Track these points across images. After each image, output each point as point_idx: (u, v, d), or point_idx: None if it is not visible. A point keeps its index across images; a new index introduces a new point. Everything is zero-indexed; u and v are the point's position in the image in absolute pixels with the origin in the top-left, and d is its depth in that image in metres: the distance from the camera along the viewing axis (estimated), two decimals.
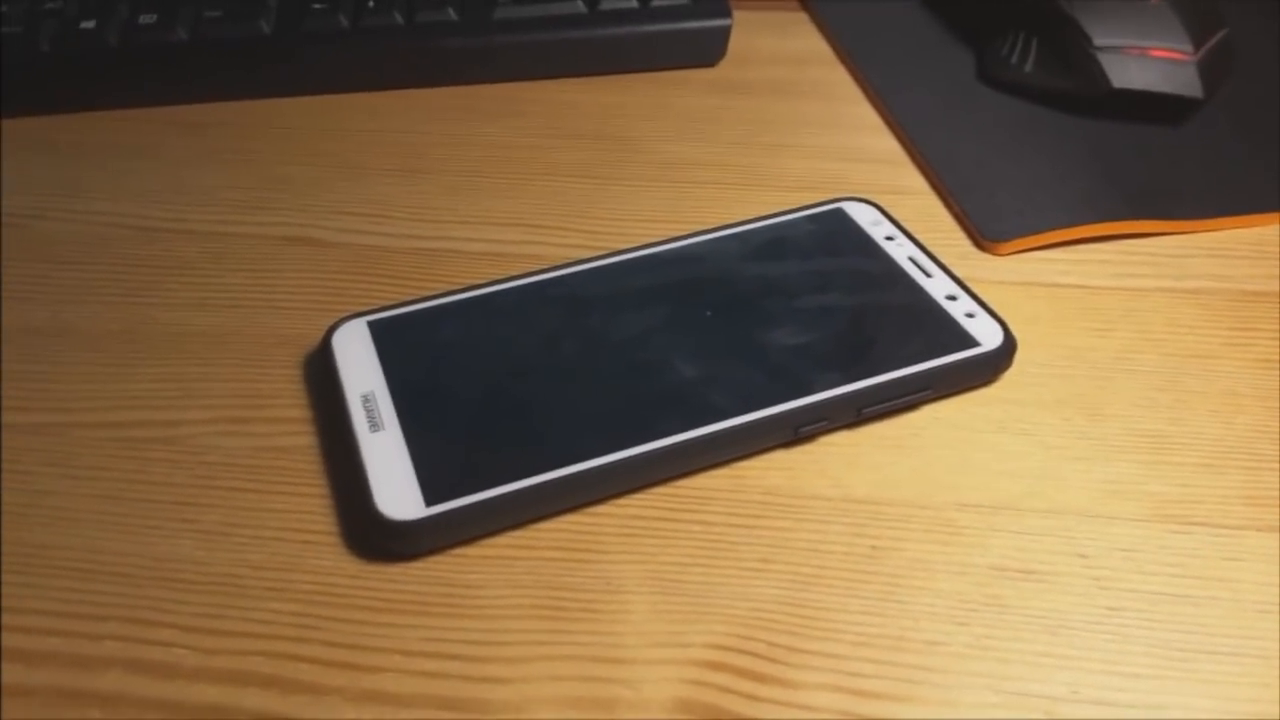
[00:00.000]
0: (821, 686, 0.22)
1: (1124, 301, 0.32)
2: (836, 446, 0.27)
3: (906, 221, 0.34)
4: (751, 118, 0.40)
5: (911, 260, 0.31)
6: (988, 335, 0.28)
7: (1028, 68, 0.40)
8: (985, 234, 0.33)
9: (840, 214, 0.33)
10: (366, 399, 0.27)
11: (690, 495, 0.26)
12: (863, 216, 0.33)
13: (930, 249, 0.32)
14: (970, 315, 0.29)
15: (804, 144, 0.39)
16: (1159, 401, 0.29)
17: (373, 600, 0.24)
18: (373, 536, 0.25)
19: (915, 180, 0.37)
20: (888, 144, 0.39)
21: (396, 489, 0.24)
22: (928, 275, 0.30)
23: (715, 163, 0.38)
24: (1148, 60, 0.37)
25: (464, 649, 0.23)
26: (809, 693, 0.22)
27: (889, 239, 0.32)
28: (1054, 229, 0.33)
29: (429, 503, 0.24)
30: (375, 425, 0.26)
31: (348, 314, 0.29)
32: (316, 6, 0.42)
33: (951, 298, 0.30)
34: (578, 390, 0.27)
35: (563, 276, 0.31)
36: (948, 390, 0.28)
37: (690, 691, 0.22)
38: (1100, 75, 0.37)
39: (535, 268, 0.31)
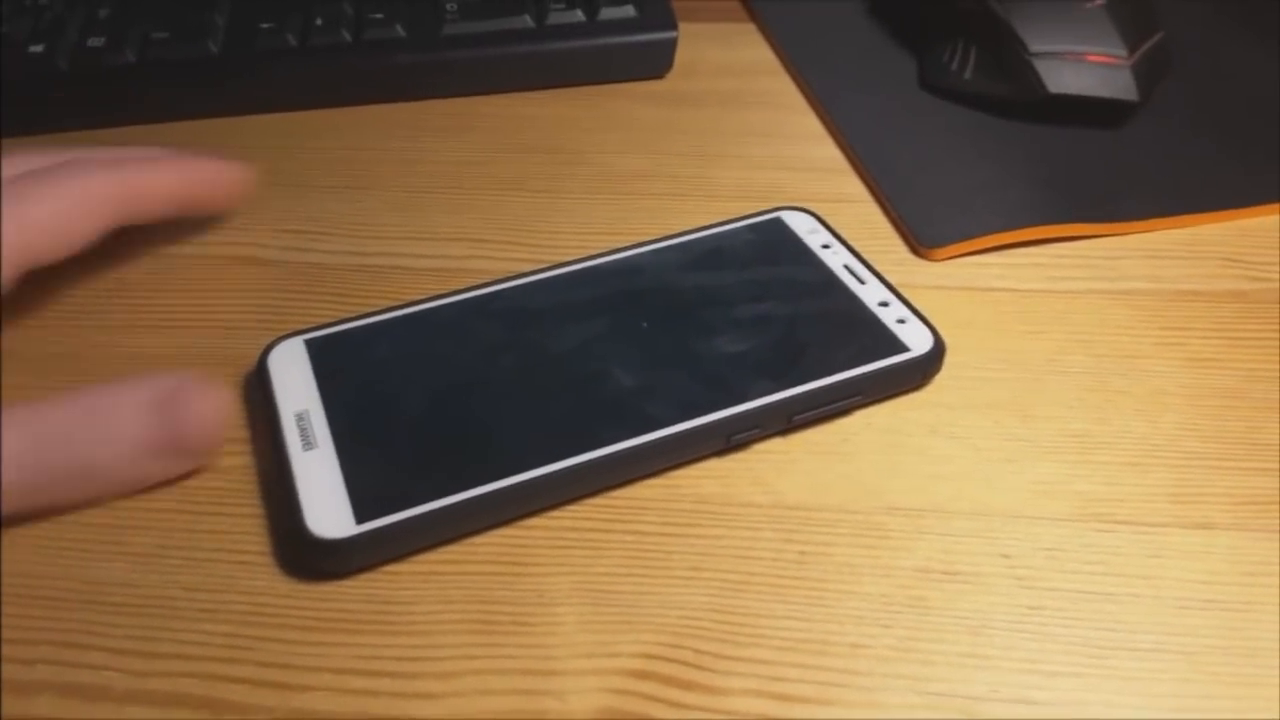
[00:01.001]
0: (746, 692, 0.22)
1: (1057, 304, 0.32)
2: (770, 454, 0.28)
3: (845, 229, 0.34)
4: (698, 128, 0.41)
5: (846, 268, 0.31)
6: (918, 340, 0.29)
7: (967, 74, 0.40)
8: (921, 240, 0.34)
9: (778, 223, 0.33)
10: (300, 417, 0.27)
11: (623, 505, 0.26)
12: (800, 225, 0.33)
13: (866, 256, 0.32)
14: (901, 321, 0.29)
15: (749, 154, 0.39)
16: (1088, 402, 0.29)
17: (305, 619, 0.24)
18: (304, 556, 0.25)
19: (856, 188, 0.37)
20: (830, 152, 0.39)
21: (327, 507, 0.25)
22: (861, 282, 0.31)
23: (662, 174, 0.38)
24: (1083, 65, 0.38)
25: (395, 665, 0.23)
26: (733, 698, 0.22)
27: (825, 247, 0.32)
28: (988, 234, 0.34)
29: (359, 520, 0.24)
30: (308, 444, 0.26)
31: (284, 333, 0.30)
32: (264, 26, 0.42)
33: (884, 304, 0.30)
34: (512, 404, 0.27)
35: (500, 291, 0.31)
36: (879, 395, 0.29)
37: (616, 700, 0.22)
38: (1036, 81, 0.38)
39: (477, 282, 0.32)
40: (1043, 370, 0.30)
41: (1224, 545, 0.25)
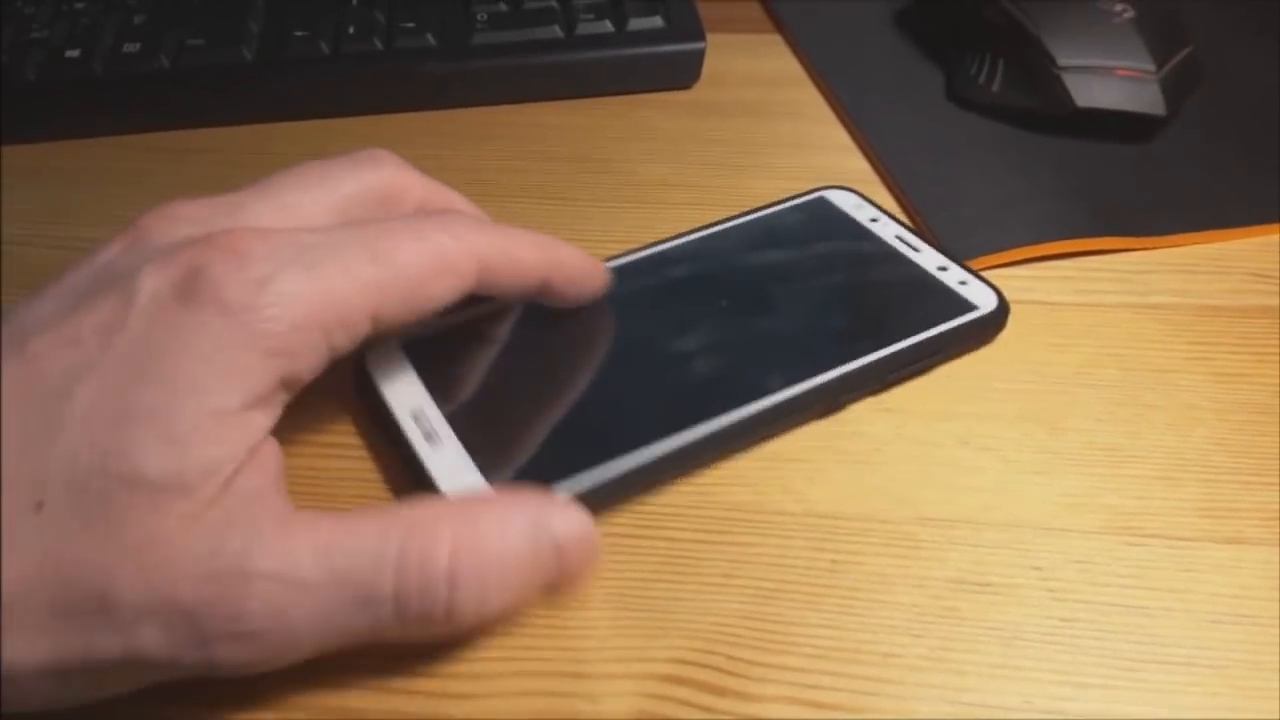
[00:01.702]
0: (778, 699, 0.23)
1: (1086, 317, 0.32)
2: (801, 462, 0.28)
3: None
4: (725, 139, 0.41)
5: (899, 238, 0.33)
6: (984, 299, 0.30)
7: (995, 87, 0.40)
8: (950, 252, 0.34)
9: (824, 201, 0.35)
10: (416, 415, 0.27)
11: (656, 512, 0.27)
12: (845, 202, 0.34)
13: (911, 226, 0.33)
14: (963, 283, 0.31)
15: (777, 164, 0.40)
16: (1118, 416, 0.29)
17: None
18: None
19: (884, 199, 0.37)
20: (858, 164, 0.39)
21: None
22: (916, 250, 0.32)
23: (689, 184, 0.39)
24: (1111, 79, 0.38)
25: (430, 665, 0.23)
26: (766, 705, 0.22)
27: (873, 221, 0.34)
28: (1018, 246, 0.34)
29: None
30: (432, 438, 0.26)
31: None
32: (298, 34, 0.43)
33: (943, 268, 0.31)
34: (625, 383, 0.28)
35: None
36: (955, 353, 0.30)
37: (650, 705, 0.22)
38: (1064, 95, 0.38)
39: None
40: (1072, 383, 0.30)
41: (1255, 560, 0.25)
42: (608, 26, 0.44)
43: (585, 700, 0.23)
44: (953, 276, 0.31)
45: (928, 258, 0.32)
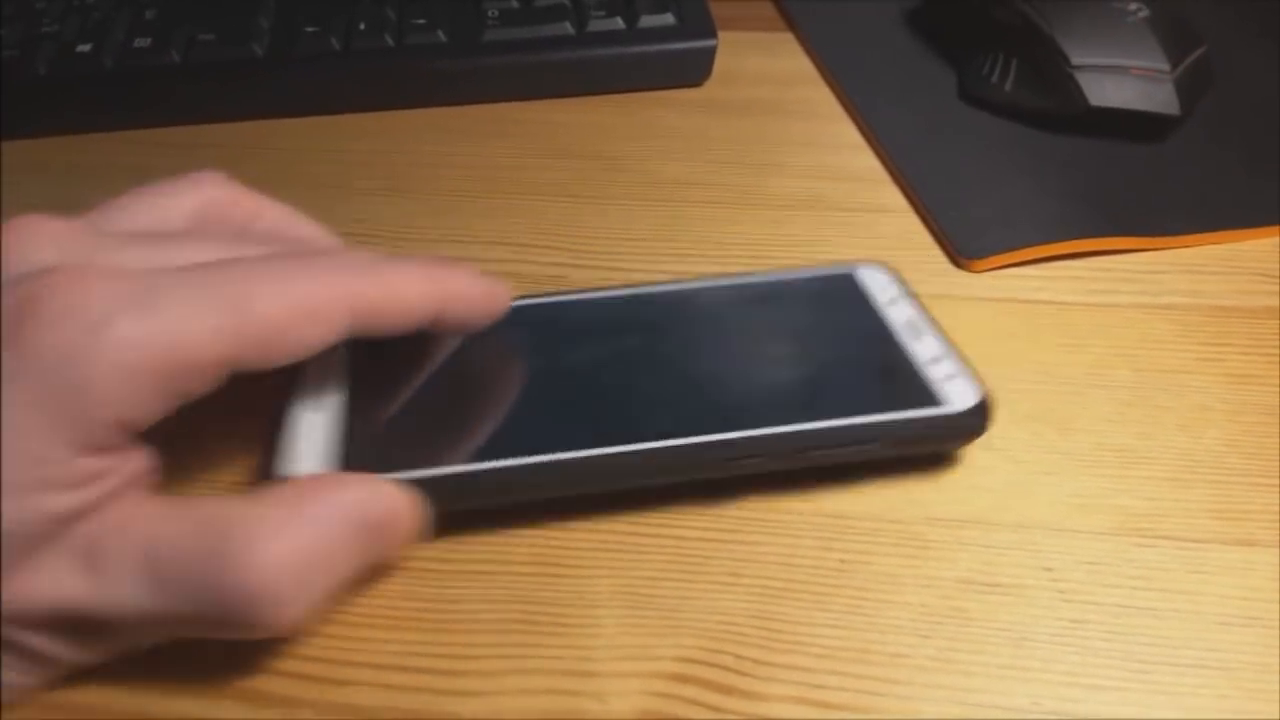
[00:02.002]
0: (786, 698, 0.22)
1: (1097, 317, 0.32)
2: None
3: (885, 239, 0.35)
4: (736, 137, 0.41)
5: (909, 323, 0.30)
6: (961, 399, 0.27)
7: (1008, 87, 0.40)
8: (961, 251, 0.34)
9: (848, 274, 0.32)
10: (319, 379, 0.27)
11: (664, 510, 0.26)
12: (871, 279, 0.32)
13: (930, 312, 0.30)
14: (949, 378, 0.28)
15: (788, 162, 0.39)
16: (1129, 416, 0.29)
17: (347, 614, 0.24)
18: None
19: (895, 198, 0.37)
20: (870, 162, 0.39)
21: (306, 459, 0.25)
22: (916, 337, 0.29)
23: (700, 181, 0.39)
24: (1125, 78, 0.38)
25: (436, 662, 0.23)
26: (774, 704, 0.22)
27: (890, 302, 0.31)
28: (1030, 246, 0.34)
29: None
30: (317, 406, 0.26)
31: None
32: (308, 30, 0.43)
33: (935, 360, 0.28)
34: (522, 403, 0.27)
35: (541, 305, 0.31)
36: (908, 447, 0.27)
37: (657, 703, 0.22)
38: (1078, 94, 0.38)
39: (520, 290, 0.31)
40: (1083, 383, 0.30)
41: (1266, 562, 0.25)
42: (619, 23, 0.44)
43: (592, 699, 0.23)
44: (940, 370, 0.28)
45: (925, 347, 0.28)
